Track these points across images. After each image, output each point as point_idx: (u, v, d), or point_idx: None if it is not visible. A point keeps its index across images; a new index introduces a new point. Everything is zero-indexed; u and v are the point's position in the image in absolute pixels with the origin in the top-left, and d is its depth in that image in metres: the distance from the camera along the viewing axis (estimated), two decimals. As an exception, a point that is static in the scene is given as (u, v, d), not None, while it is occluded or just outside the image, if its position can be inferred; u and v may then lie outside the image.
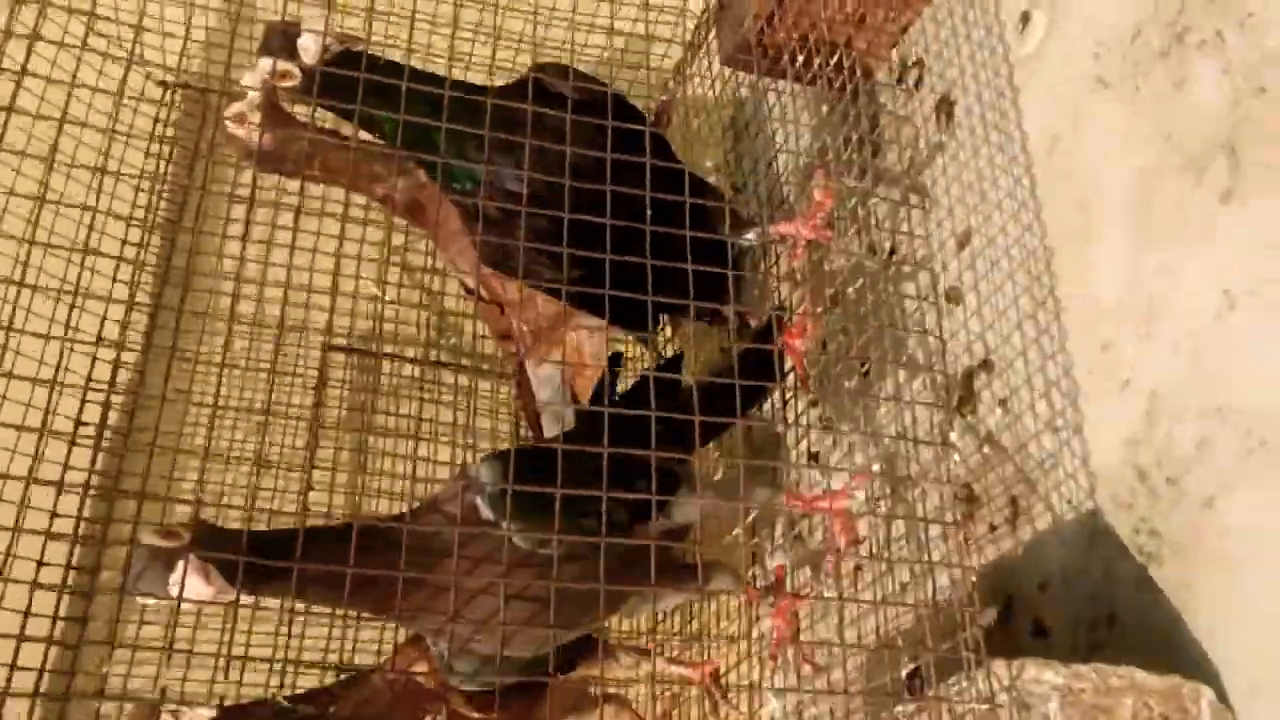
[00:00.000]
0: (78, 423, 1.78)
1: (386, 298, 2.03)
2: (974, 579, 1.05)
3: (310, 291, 1.61)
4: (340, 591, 0.96)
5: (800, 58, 1.66)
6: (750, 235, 1.45)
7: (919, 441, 1.23)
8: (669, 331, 1.88)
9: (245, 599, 1.19)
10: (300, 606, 1.77)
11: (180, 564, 1.04)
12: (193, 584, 1.04)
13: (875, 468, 1.39)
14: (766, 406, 1.57)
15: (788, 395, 1.53)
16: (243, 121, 1.60)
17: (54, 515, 1.63)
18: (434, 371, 2.12)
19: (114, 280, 1.93)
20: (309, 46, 1.22)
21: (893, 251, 1.62)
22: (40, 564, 1.56)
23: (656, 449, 1.06)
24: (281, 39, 1.25)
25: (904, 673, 1.19)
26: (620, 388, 1.57)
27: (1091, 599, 1.22)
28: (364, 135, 1.37)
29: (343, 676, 1.58)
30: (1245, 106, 1.13)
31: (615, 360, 1.53)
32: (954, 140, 1.60)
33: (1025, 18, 1.48)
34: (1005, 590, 1.35)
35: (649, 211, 1.19)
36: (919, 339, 1.39)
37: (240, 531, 1.08)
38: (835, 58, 1.63)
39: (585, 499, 1.04)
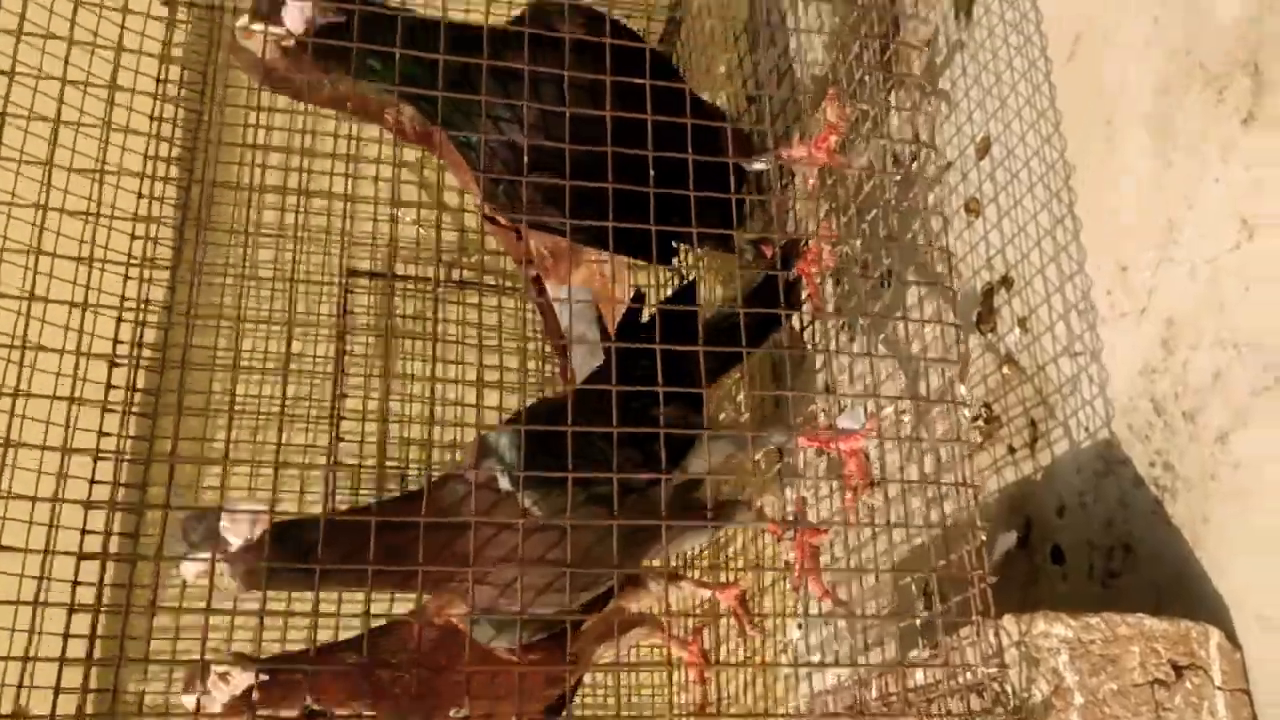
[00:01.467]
0: (115, 341, 1.81)
1: (406, 217, 2.02)
2: (982, 538, 1.06)
3: (329, 216, 1.61)
4: (363, 580, 0.99)
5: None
6: (760, 162, 1.42)
7: (929, 401, 1.22)
8: (688, 258, 1.86)
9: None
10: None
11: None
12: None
13: (888, 411, 1.39)
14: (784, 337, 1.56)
15: (805, 323, 1.52)
16: (251, 35, 1.58)
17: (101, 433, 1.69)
18: (457, 292, 2.12)
19: (138, 197, 1.93)
20: (295, 16, 1.20)
21: (914, 159, 1.58)
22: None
23: (669, 403, 1.07)
24: (268, 3, 1.22)
25: (917, 621, 1.22)
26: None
27: (1107, 526, 1.23)
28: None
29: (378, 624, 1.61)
30: (1269, 24, 1.08)
31: (637, 299, 1.52)
32: (973, 40, 1.54)
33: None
34: (1024, 513, 1.36)
35: (650, 152, 1.16)
36: (939, 263, 1.38)
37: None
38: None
39: (601, 466, 1.06)
